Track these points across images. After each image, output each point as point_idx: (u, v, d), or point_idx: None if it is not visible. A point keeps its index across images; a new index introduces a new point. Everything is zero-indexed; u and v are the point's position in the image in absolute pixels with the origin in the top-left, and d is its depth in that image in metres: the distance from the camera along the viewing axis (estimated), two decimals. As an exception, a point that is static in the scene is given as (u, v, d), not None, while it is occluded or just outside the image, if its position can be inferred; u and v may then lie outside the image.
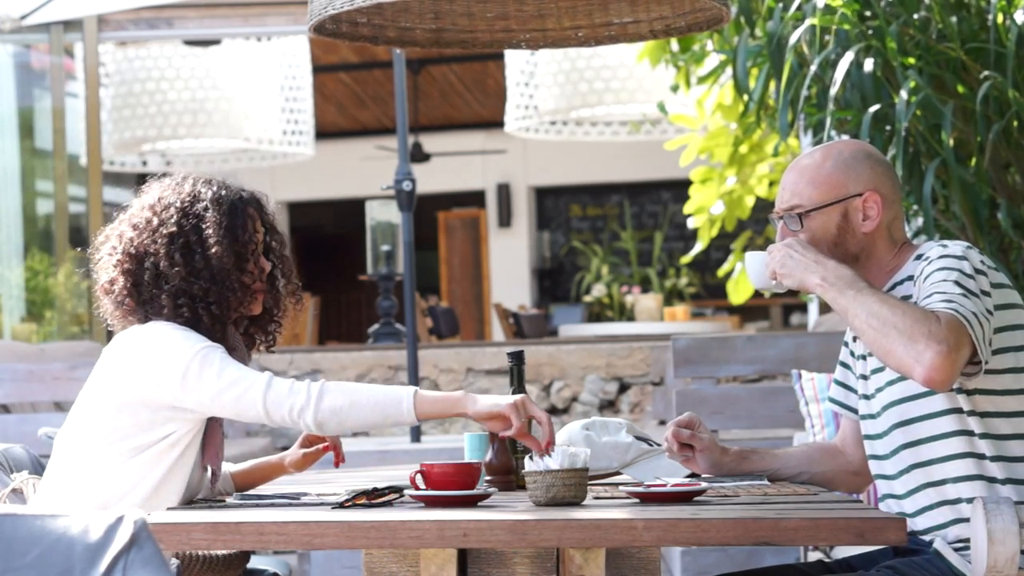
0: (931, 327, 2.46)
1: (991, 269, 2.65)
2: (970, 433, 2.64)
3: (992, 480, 2.63)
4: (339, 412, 2.65)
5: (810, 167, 2.81)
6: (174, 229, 2.84)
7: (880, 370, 2.74)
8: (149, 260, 2.84)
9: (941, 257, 2.64)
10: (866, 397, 2.81)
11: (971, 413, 2.64)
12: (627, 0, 3.25)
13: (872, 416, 2.78)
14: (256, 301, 2.92)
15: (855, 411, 2.89)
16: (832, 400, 2.98)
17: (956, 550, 2.61)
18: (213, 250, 2.83)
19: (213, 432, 2.83)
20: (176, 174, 2.96)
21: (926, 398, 2.66)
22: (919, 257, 2.72)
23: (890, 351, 2.50)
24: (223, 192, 2.90)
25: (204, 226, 2.84)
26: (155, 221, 2.86)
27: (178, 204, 2.87)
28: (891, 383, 2.71)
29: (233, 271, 2.84)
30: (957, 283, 2.57)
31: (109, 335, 3.01)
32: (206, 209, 2.86)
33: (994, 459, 2.63)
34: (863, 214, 2.77)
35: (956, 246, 2.66)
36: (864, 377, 2.82)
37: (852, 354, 2.90)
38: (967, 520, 2.58)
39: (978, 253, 2.66)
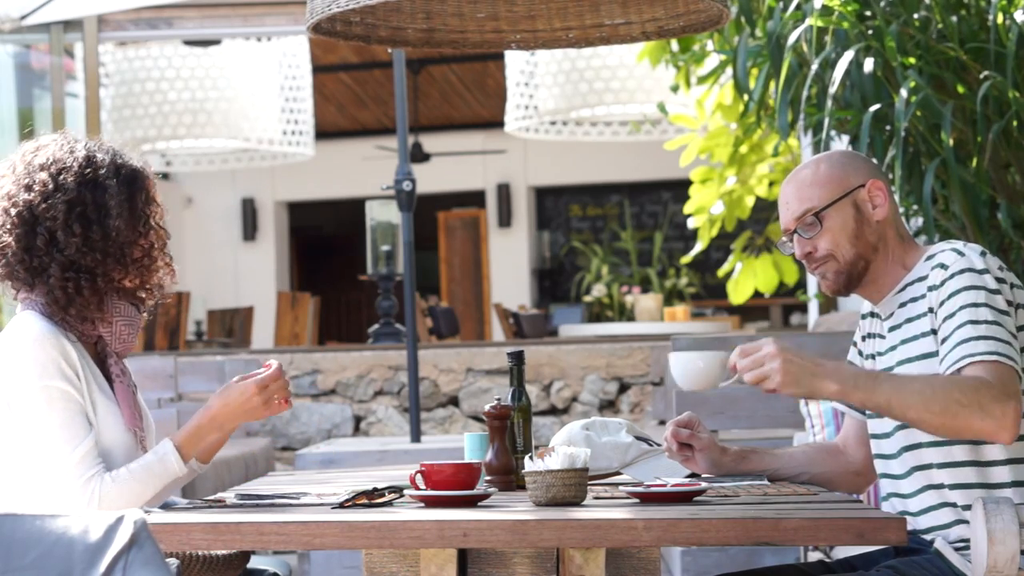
0: (991, 391, 2.48)
1: (1004, 270, 2.65)
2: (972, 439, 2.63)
3: (993, 486, 2.63)
4: (130, 502, 2.69)
5: (808, 174, 2.83)
6: (73, 195, 2.73)
7: (886, 370, 2.74)
8: (44, 225, 2.73)
9: (962, 272, 2.62)
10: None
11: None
12: (619, 2, 3.24)
13: (879, 416, 2.78)
14: (144, 274, 2.82)
15: (862, 411, 2.89)
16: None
17: (957, 550, 2.61)
18: (113, 223, 2.74)
19: (121, 395, 2.78)
20: (61, 135, 2.83)
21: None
22: (931, 258, 2.71)
23: (965, 428, 2.50)
24: (119, 161, 2.80)
25: (104, 197, 2.75)
26: (51, 185, 2.74)
27: (75, 169, 2.75)
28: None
29: (127, 245, 2.77)
30: (987, 306, 2.56)
31: None
32: (106, 178, 2.76)
33: (996, 463, 2.63)
34: (871, 203, 2.78)
35: (972, 253, 2.65)
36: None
37: (860, 354, 2.90)
38: (968, 521, 2.58)
39: (992, 257, 2.65)
